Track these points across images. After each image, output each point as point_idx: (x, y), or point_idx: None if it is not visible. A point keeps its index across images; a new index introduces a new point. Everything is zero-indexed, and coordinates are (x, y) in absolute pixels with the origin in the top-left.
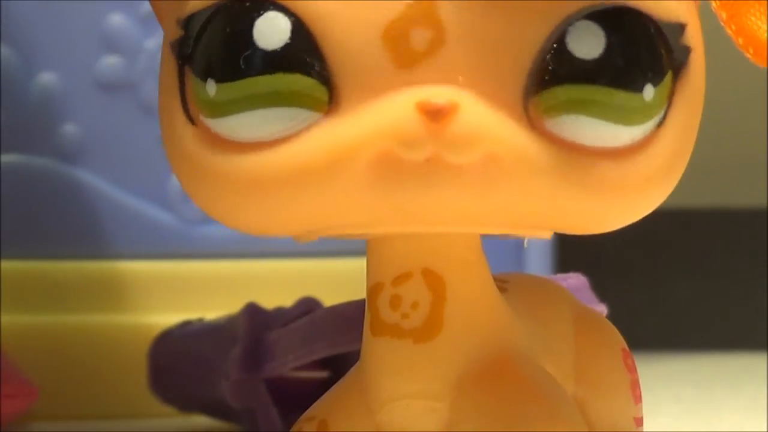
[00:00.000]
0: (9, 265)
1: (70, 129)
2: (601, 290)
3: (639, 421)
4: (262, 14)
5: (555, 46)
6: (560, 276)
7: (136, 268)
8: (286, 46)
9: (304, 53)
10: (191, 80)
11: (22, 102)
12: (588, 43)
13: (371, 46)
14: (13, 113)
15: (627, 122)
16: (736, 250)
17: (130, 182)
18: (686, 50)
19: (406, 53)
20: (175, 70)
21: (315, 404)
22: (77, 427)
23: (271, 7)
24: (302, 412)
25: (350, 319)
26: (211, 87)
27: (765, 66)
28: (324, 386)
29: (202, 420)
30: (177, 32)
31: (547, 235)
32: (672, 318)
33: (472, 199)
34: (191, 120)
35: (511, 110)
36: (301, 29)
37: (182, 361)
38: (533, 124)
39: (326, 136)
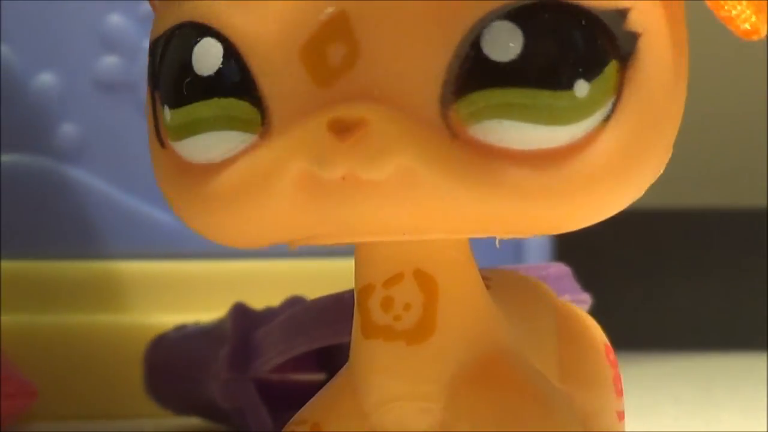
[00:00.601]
0: (9, 265)
1: (69, 129)
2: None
3: (621, 416)
4: (199, 41)
5: (469, 51)
6: (542, 265)
7: (135, 268)
8: (218, 72)
9: (235, 77)
10: (158, 104)
11: (21, 102)
12: (504, 45)
13: (291, 65)
14: (12, 113)
15: (558, 122)
16: (736, 250)
17: (128, 182)
18: (632, 36)
19: (323, 70)
20: (150, 95)
21: (305, 407)
22: (76, 427)
23: (207, 32)
24: (293, 412)
25: (327, 312)
26: (167, 112)
27: (748, 38)
28: (314, 386)
29: (199, 421)
30: (149, 57)
31: (503, 236)
32: (671, 318)
33: (394, 211)
34: (161, 143)
35: (428, 120)
36: (231, 54)
37: (176, 364)
38: (455, 133)
39: (257, 158)
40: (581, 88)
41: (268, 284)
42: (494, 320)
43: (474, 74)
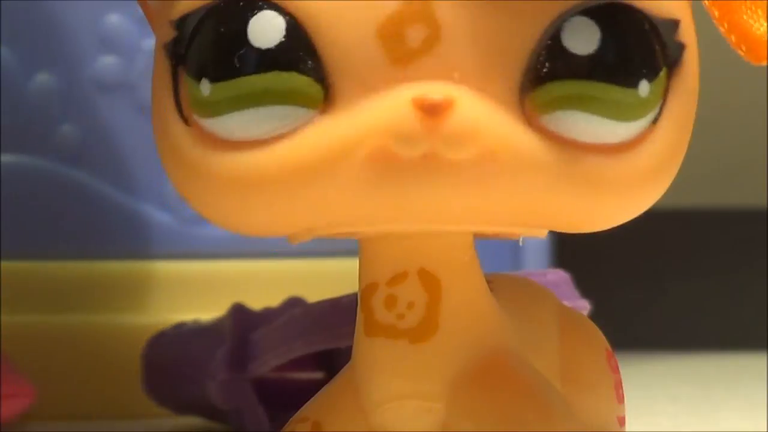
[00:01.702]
0: (9, 265)
1: (68, 129)
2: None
3: (622, 421)
4: (256, 13)
5: (550, 42)
6: (540, 272)
7: (135, 268)
8: (280, 45)
9: (299, 51)
10: (185, 80)
11: (20, 102)
12: (583, 39)
13: (366, 43)
14: (11, 113)
15: (622, 118)
16: (736, 250)
17: (128, 182)
18: (680, 47)
19: (401, 50)
20: (168, 71)
21: (307, 405)
22: (76, 427)
23: (266, 6)
24: (291, 412)
25: (327, 316)
26: (206, 86)
27: (758, 63)
28: (313, 386)
29: (199, 421)
30: (170, 33)
31: (542, 233)
32: (671, 318)
33: (468, 196)
34: (185, 120)
35: (506, 107)
36: (295, 27)
37: (174, 363)
38: (529, 121)
39: (322, 134)
40: (644, 88)
41: (268, 284)
42: (497, 321)
43: (554, 64)
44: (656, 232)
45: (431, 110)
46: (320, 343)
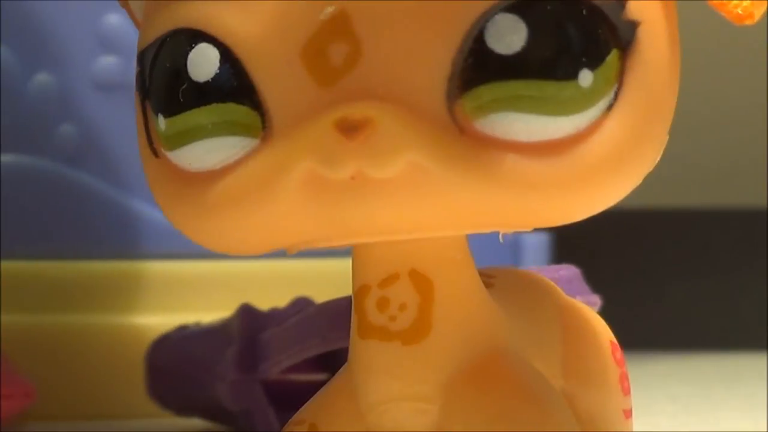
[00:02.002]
0: (9, 265)
1: (67, 129)
2: (599, 289)
3: (628, 414)
4: (193, 47)
5: (473, 45)
6: (553, 267)
7: (135, 268)
8: (216, 77)
9: (234, 81)
10: (150, 114)
11: (19, 102)
12: (507, 37)
13: (292, 67)
14: (11, 113)
15: (564, 112)
16: (735, 250)
17: (127, 182)
18: (632, 25)
19: (325, 70)
20: (139, 104)
21: (304, 407)
22: (76, 428)
23: (201, 38)
24: None
25: (341, 315)
26: (161, 121)
27: (739, 24)
28: (319, 387)
29: (200, 422)
30: (137, 67)
31: (511, 231)
32: (671, 317)
33: (403, 210)
34: (155, 153)
35: (434, 117)
36: (228, 58)
37: (179, 365)
38: (462, 128)
39: (259, 162)
40: (585, 77)
41: (269, 284)
42: (493, 320)
43: (479, 68)
44: (656, 232)
45: (350, 131)
46: (336, 341)
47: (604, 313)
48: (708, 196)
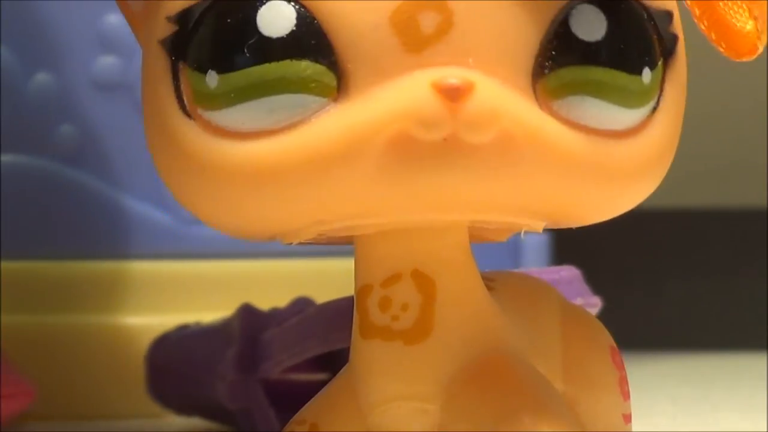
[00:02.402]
0: (9, 265)
1: (67, 129)
2: (598, 290)
3: (627, 418)
4: (265, 3)
5: (559, 29)
6: (553, 269)
7: (134, 269)
8: (292, 33)
9: (311, 39)
10: (187, 75)
11: (19, 102)
12: (590, 26)
13: (379, 30)
14: (10, 113)
15: (628, 104)
16: (736, 250)
17: (127, 182)
18: (674, 38)
19: (414, 37)
20: (166, 67)
21: (305, 407)
22: (76, 428)
23: None
24: None
25: (342, 315)
26: (213, 78)
27: (739, 59)
28: (320, 387)
29: (200, 421)
30: (167, 29)
31: (540, 227)
32: (670, 318)
33: (485, 180)
34: (188, 115)
35: (521, 92)
36: (306, 16)
37: (179, 364)
38: (541, 105)
39: (338, 122)
40: (646, 75)
41: (269, 284)
42: (494, 321)
43: (564, 50)
44: (656, 232)
45: (452, 94)
46: (337, 341)
47: (603, 313)
48: (708, 196)
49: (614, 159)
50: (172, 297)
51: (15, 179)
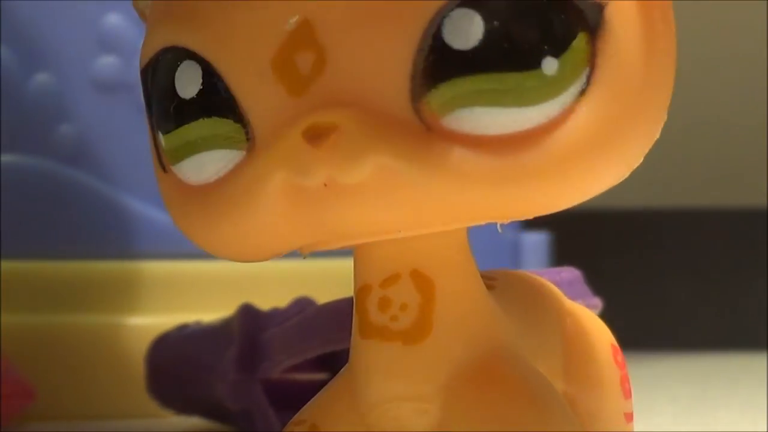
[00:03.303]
0: (9, 265)
1: (67, 129)
2: (598, 290)
3: (629, 417)
4: (179, 65)
5: (432, 42)
6: (554, 270)
7: (135, 269)
8: (200, 92)
9: (217, 96)
10: (155, 130)
11: (19, 102)
12: (464, 33)
13: (265, 78)
14: (10, 114)
15: (530, 102)
16: (736, 250)
17: (127, 182)
18: (597, 7)
19: (295, 79)
20: (149, 121)
21: (305, 407)
22: (76, 428)
23: (186, 56)
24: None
25: (342, 316)
26: (161, 137)
27: None
28: (320, 387)
29: (200, 421)
30: (142, 85)
31: (489, 222)
32: (670, 318)
33: (376, 211)
34: (163, 168)
35: (400, 117)
36: (210, 73)
37: (179, 364)
38: (429, 126)
39: (243, 174)
40: (549, 65)
41: (269, 284)
42: (494, 321)
43: (439, 65)
44: (656, 232)
45: (317, 139)
46: (337, 342)
47: (603, 313)
48: (708, 196)
49: (527, 160)
50: (172, 297)
51: (15, 179)
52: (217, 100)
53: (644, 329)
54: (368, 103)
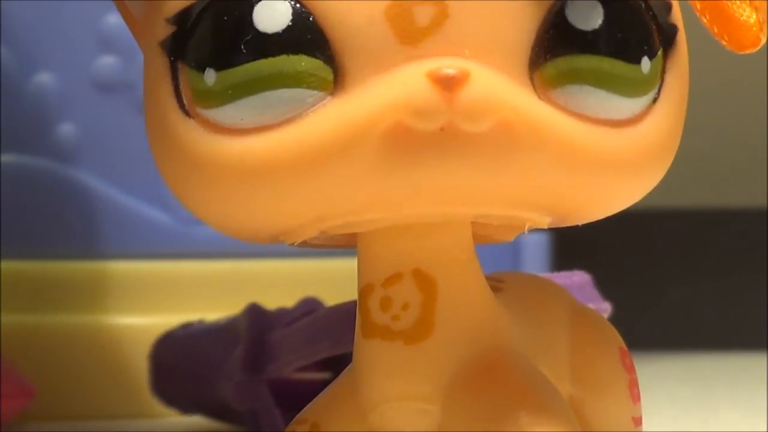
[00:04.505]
0: (9, 265)
1: (67, 129)
2: (599, 290)
3: (638, 421)
4: (260, 0)
5: (555, 18)
6: (565, 274)
7: (135, 268)
8: (288, 29)
9: (307, 34)
10: (186, 74)
11: (19, 102)
12: (586, 15)
13: (375, 24)
14: (10, 113)
15: (627, 93)
16: (735, 250)
17: (128, 182)
18: (674, 28)
19: (410, 29)
20: (166, 68)
21: (307, 406)
22: (76, 428)
23: None
24: None
25: (352, 317)
26: (210, 76)
27: (741, 52)
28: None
29: (202, 421)
30: (166, 30)
31: (545, 222)
32: (670, 318)
33: (484, 170)
34: (186, 113)
35: (518, 81)
36: (302, 12)
37: (184, 363)
38: (539, 95)
39: (335, 115)
40: (645, 64)
41: (270, 284)
42: (497, 321)
43: (560, 40)
44: (656, 232)
45: (447, 83)
46: (347, 344)
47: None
48: (708, 196)
49: (614, 148)
50: (173, 297)
51: (15, 179)
52: (306, 37)
53: (644, 329)
54: (486, 63)
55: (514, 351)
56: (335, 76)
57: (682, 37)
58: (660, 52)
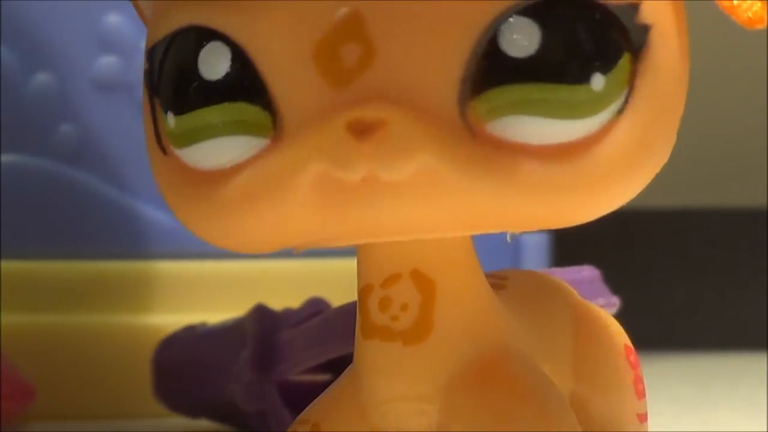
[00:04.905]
0: (9, 265)
1: (67, 129)
2: None
3: (642, 417)
4: (204, 45)
5: (487, 48)
6: (575, 269)
7: (135, 268)
8: (227, 75)
9: (245, 81)
10: (159, 111)
11: (19, 102)
12: (521, 41)
13: (304, 68)
14: (10, 114)
15: (576, 116)
16: (736, 250)
17: (128, 182)
18: (644, 29)
19: (338, 72)
20: (148, 101)
21: (309, 407)
22: (77, 428)
23: (213, 37)
24: None
25: None
26: (171, 119)
27: (751, 27)
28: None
29: (203, 421)
30: (146, 63)
31: (516, 231)
32: (671, 318)
33: (413, 212)
34: (163, 150)
35: (446, 119)
36: (240, 57)
37: (188, 366)
38: (473, 130)
39: (271, 162)
40: (597, 81)
41: (277, 284)
42: (497, 321)
43: (492, 71)
44: (656, 232)
45: (363, 133)
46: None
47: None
48: (708, 196)
49: (566, 173)
50: (174, 297)
51: (15, 179)
52: (246, 84)
53: (644, 329)
54: (413, 102)
55: (515, 350)
56: (274, 122)
57: (663, 32)
58: (625, 60)
